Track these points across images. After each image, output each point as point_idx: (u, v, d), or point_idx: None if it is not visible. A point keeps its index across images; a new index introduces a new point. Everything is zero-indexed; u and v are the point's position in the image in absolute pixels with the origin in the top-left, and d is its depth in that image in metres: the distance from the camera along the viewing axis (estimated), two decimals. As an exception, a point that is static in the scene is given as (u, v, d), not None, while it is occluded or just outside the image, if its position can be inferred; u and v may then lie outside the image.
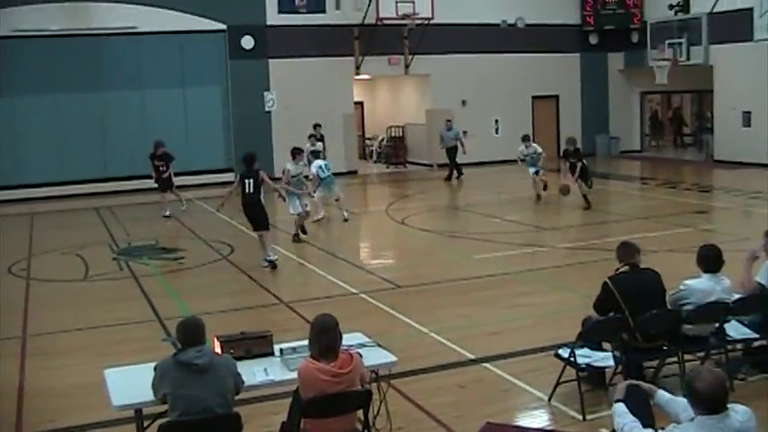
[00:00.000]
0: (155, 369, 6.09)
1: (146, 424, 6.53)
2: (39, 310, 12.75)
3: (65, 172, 27.17)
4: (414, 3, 29.52)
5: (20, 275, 15.44)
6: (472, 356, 9.48)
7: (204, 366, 5.85)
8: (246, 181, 14.76)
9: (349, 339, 6.79)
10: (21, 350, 10.69)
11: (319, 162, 19.72)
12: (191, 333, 6.06)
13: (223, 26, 28.98)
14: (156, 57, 28.32)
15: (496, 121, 32.78)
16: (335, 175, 21.22)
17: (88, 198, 25.88)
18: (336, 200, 20.28)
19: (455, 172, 28.02)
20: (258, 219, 14.99)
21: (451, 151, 27.85)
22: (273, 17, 29.45)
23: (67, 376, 9.58)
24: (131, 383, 6.59)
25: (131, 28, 27.71)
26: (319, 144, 22.77)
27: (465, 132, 29.60)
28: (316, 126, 24.68)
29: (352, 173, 30.61)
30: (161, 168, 21.69)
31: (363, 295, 12.64)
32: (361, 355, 6.37)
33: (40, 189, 26.42)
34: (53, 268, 15.97)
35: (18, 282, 14.94)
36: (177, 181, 22.41)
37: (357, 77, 31.53)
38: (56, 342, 11.07)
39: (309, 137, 23.06)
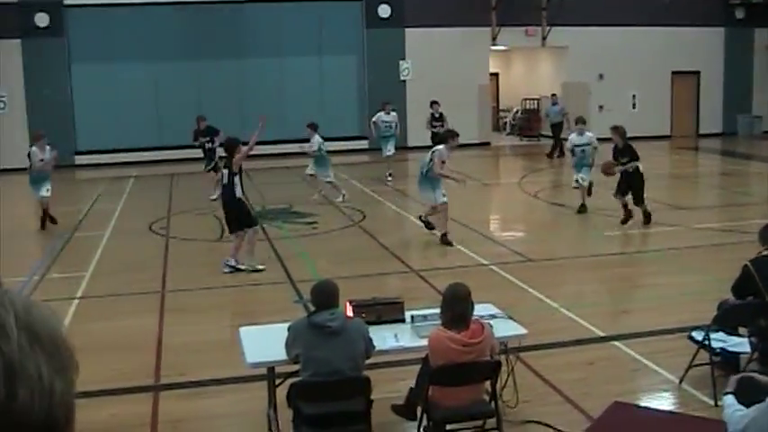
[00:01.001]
0: (288, 329, 6.23)
1: (277, 382, 6.70)
2: (176, 268, 13.18)
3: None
4: (553, -27, 29.05)
5: (160, 233, 16.00)
6: (602, 333, 9.35)
7: (337, 329, 5.95)
8: (223, 171, 12.84)
9: (480, 310, 6.78)
10: (159, 305, 11.09)
11: (320, 139, 19.22)
12: (325, 296, 6.16)
13: (353, -6, 29.15)
14: (295, 25, 28.68)
15: (634, 96, 31.96)
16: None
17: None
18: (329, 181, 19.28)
19: (557, 150, 27.27)
20: (229, 219, 12.94)
21: (557, 127, 27.19)
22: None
23: (202, 332, 9.89)
24: (265, 342, 6.77)
25: (272, -5, 28.18)
26: (438, 126, 22.32)
27: (601, 107, 28.99)
28: (433, 104, 23.83)
29: (485, 144, 30.43)
30: (206, 144, 20.55)
31: (494, 267, 12.59)
32: (491, 326, 6.37)
33: (178, 151, 27.17)
34: (190, 228, 16.46)
35: (158, 240, 15.49)
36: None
37: (493, 48, 31.25)
38: (192, 299, 11.43)
39: (429, 118, 23.14)
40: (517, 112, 35.35)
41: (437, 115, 23.25)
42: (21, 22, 27.04)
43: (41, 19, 27.27)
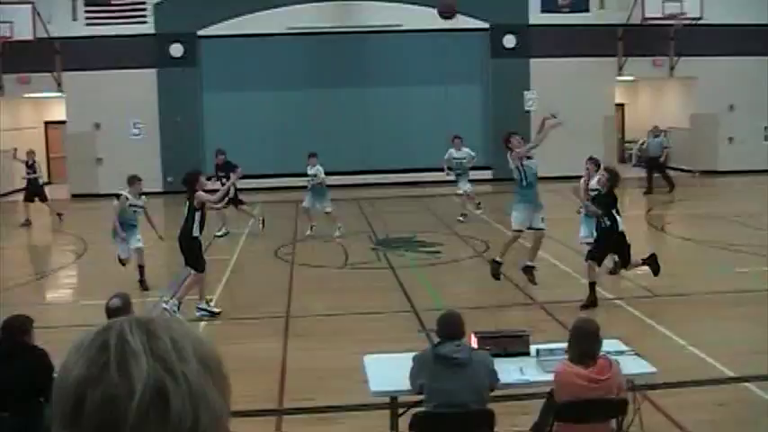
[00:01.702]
0: (413, 359, 6.26)
1: (400, 411, 6.72)
2: (301, 294, 13.41)
3: (326, 164, 28.24)
4: (681, 2, 28.45)
5: (285, 259, 16.30)
6: (732, 374, 9.06)
7: (463, 361, 5.95)
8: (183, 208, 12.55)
9: (608, 346, 6.68)
10: (284, 329, 11.29)
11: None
12: (450, 327, 6.17)
13: (486, 25, 29.17)
14: (418, 54, 28.92)
15: (766, 128, 30.97)
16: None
17: (348, 189, 26.82)
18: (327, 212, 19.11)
19: (669, 185, 25.93)
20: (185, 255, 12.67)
21: (654, 161, 26.28)
22: (536, 16, 29.34)
23: (326, 358, 10.01)
24: (389, 371, 6.81)
25: (396, 26, 28.48)
26: None
27: (731, 139, 28.23)
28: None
29: (610, 176, 29.88)
30: (222, 180, 19.55)
31: (619, 301, 12.38)
32: (618, 363, 6.27)
33: (303, 179, 27.59)
34: (315, 254, 16.72)
35: (283, 265, 15.79)
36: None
37: (619, 78, 30.83)
38: (315, 325, 11.61)
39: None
40: (643, 143, 34.67)
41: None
42: (157, 53, 28.18)
43: (176, 50, 28.34)
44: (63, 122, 30.18)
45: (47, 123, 34.38)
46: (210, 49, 28.48)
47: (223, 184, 19.43)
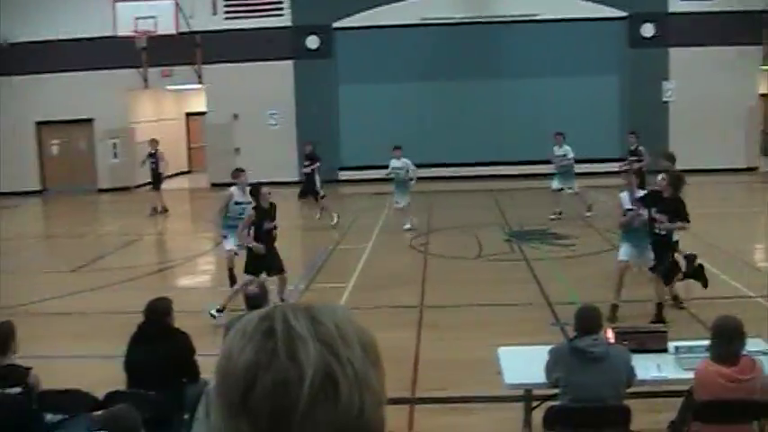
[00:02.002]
0: (549, 352, 6.24)
1: (534, 405, 6.72)
2: (434, 284, 13.48)
3: (460, 154, 28.28)
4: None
5: (419, 250, 16.42)
6: None
7: (600, 355, 5.90)
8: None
9: (750, 345, 6.51)
10: (418, 320, 11.38)
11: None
12: (588, 321, 6.13)
13: (624, 13, 28.56)
14: (555, 44, 28.51)
15: None
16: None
17: (482, 180, 26.74)
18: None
19: None
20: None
21: None
22: (675, 4, 28.52)
23: (459, 349, 10.05)
24: (523, 364, 6.81)
25: (532, 15, 28.20)
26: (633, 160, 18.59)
27: None
28: (630, 134, 20.34)
29: (752, 170, 28.90)
30: (305, 170, 20.72)
31: (760, 299, 11.98)
32: (761, 363, 6.10)
33: (436, 169, 27.72)
34: (449, 245, 16.76)
35: (417, 255, 15.90)
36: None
37: (763, 68, 29.71)
38: (449, 316, 11.66)
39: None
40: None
41: (632, 148, 19.36)
42: (293, 45, 28.72)
43: (312, 42, 28.82)
44: (203, 113, 31.11)
45: (188, 114, 35.57)
46: (346, 41, 28.83)
47: (308, 172, 20.30)
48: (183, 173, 34.37)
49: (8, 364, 6.60)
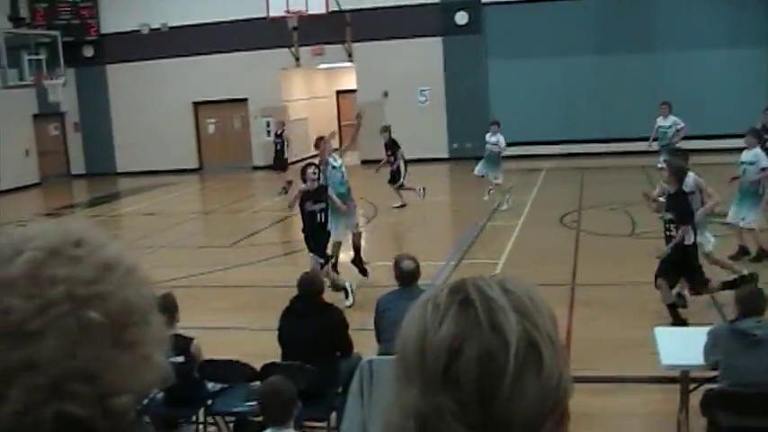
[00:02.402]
0: (708, 334, 6.05)
1: (691, 387, 6.54)
2: (587, 262, 13.27)
3: (610, 129, 27.61)
4: None
5: (570, 227, 16.18)
6: None
7: (762, 338, 5.67)
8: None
9: None
10: (569, 298, 11.23)
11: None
12: (752, 302, 5.91)
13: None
14: (708, 16, 27.40)
15: None
16: None
17: (633, 156, 26.06)
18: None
19: None
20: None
21: None
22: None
23: (612, 329, 9.87)
24: (681, 345, 6.63)
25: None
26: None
27: None
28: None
29: None
30: (389, 159, 19.84)
31: None
32: None
33: (587, 145, 27.23)
34: (601, 222, 16.44)
35: (568, 233, 15.68)
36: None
37: None
38: (602, 294, 11.45)
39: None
40: None
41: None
42: (442, 21, 28.65)
43: (461, 17, 28.67)
44: (353, 91, 31.46)
45: (338, 92, 36.05)
46: (494, 16, 28.54)
47: (389, 161, 19.75)
48: (334, 150, 34.84)
49: (173, 333, 6.86)
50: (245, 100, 30.63)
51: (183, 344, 6.95)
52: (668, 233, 9.83)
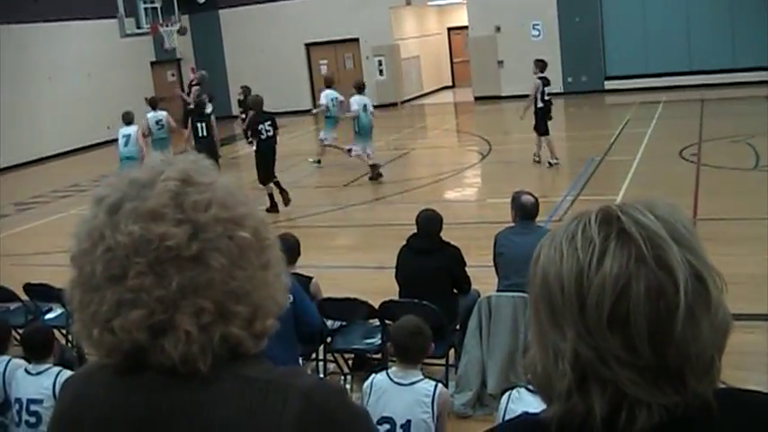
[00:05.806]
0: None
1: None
2: (708, 196, 12.92)
3: (731, 59, 26.60)
4: None
5: (690, 160, 15.75)
6: None
7: None
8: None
9: None
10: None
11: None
12: None
13: None
14: None
15: None
16: None
17: (756, 86, 25.10)
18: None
19: None
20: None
21: None
22: None
23: (736, 264, 9.58)
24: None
25: None
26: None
27: None
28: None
29: None
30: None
31: None
32: None
33: (708, 76, 26.33)
34: (723, 155, 15.95)
35: (689, 166, 15.27)
36: None
37: None
38: (723, 229, 11.14)
39: None
40: None
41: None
42: (556, -48, 27.98)
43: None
44: (465, 27, 31.10)
45: (449, 29, 35.69)
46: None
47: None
48: (446, 87, 34.71)
49: (293, 272, 6.99)
50: (357, 40, 30.62)
51: (303, 283, 7.08)
52: None
